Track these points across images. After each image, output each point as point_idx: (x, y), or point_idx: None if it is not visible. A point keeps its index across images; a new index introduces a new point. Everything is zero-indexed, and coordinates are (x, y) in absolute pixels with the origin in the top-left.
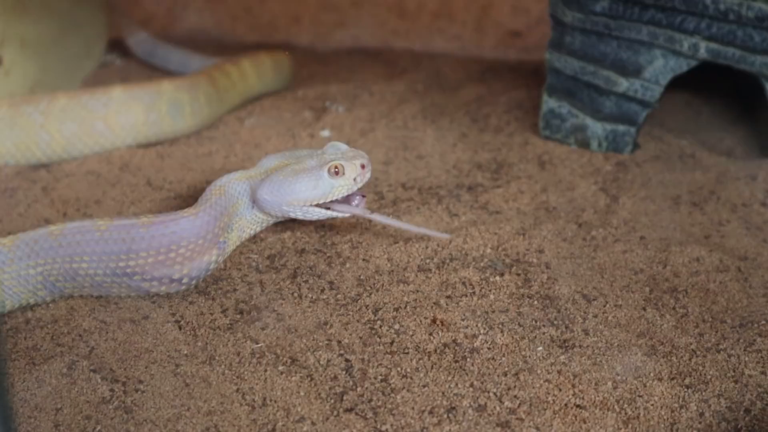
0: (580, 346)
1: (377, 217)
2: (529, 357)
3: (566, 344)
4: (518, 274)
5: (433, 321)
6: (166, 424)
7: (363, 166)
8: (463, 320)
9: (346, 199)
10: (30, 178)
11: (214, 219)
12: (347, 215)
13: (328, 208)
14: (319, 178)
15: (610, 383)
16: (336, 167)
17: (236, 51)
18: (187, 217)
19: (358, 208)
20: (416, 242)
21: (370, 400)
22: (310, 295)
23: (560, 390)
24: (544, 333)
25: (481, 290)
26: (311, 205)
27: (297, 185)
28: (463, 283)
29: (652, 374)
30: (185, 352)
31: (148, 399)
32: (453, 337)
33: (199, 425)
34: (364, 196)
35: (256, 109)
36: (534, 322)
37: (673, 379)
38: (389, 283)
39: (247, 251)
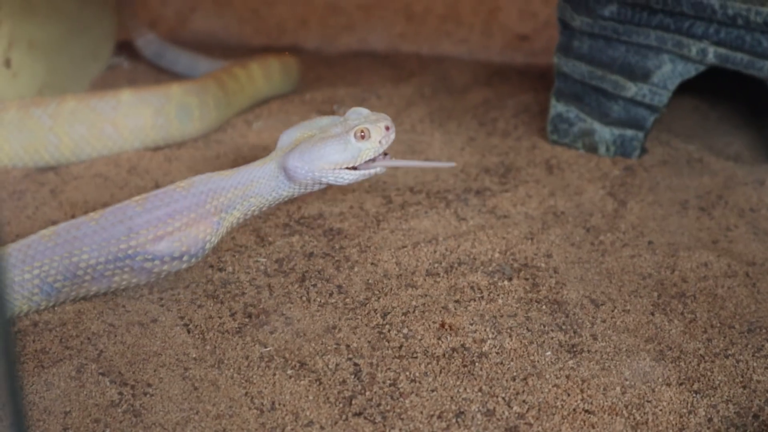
0: (589, 351)
1: (401, 163)
2: (538, 362)
3: (575, 349)
4: (526, 279)
5: (442, 325)
6: (174, 428)
7: (387, 128)
8: (471, 325)
9: (371, 159)
10: (38, 180)
11: (205, 195)
12: (378, 171)
13: (357, 168)
14: (348, 143)
15: (618, 388)
16: (362, 131)
17: (244, 54)
18: (179, 191)
19: (384, 161)
20: (424, 246)
21: (379, 405)
22: (318, 299)
23: (569, 395)
24: (552, 338)
25: (489, 295)
26: (342, 168)
27: (326, 149)
28: (472, 288)
29: (660, 379)
30: (194, 355)
31: (156, 402)
32: (461, 342)
33: (208, 429)
34: (386, 154)
35: (264, 113)
36: (542, 327)
37: (681, 384)
38: (397, 287)
39: (255, 255)
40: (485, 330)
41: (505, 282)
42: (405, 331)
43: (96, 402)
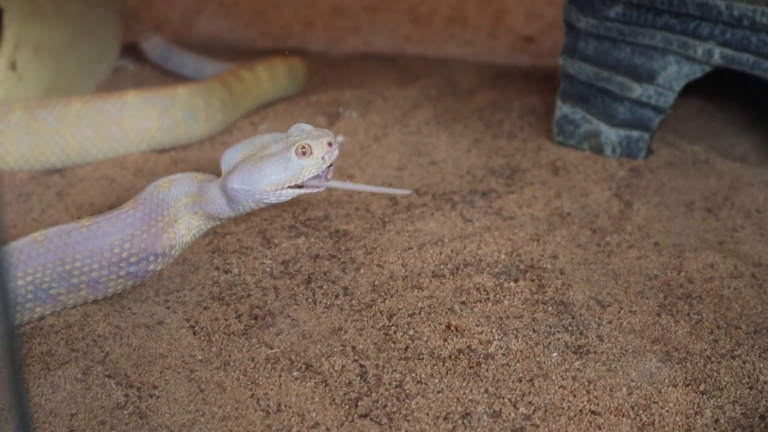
0: (595, 352)
1: (346, 185)
2: (544, 363)
3: (581, 350)
4: (532, 280)
5: (448, 327)
6: (180, 430)
7: (330, 144)
8: (477, 326)
9: (316, 175)
10: (44, 183)
11: (184, 192)
12: (319, 189)
13: (301, 186)
14: (288, 160)
15: (624, 389)
16: (303, 147)
17: (250, 56)
18: (163, 191)
19: (328, 181)
20: (430, 248)
21: (385, 406)
22: (324, 301)
23: (575, 396)
24: (558, 339)
25: (495, 296)
26: (283, 188)
27: (267, 170)
28: (478, 289)
29: (666, 380)
30: (200, 357)
31: (162, 404)
32: (467, 343)
33: (214, 431)
34: (330, 166)
35: (269, 115)
36: (548, 328)
37: (687, 385)
38: (403, 288)
39: (261, 256)
40: (491, 331)
41: (511, 283)
42: (411, 332)
43: (102, 404)
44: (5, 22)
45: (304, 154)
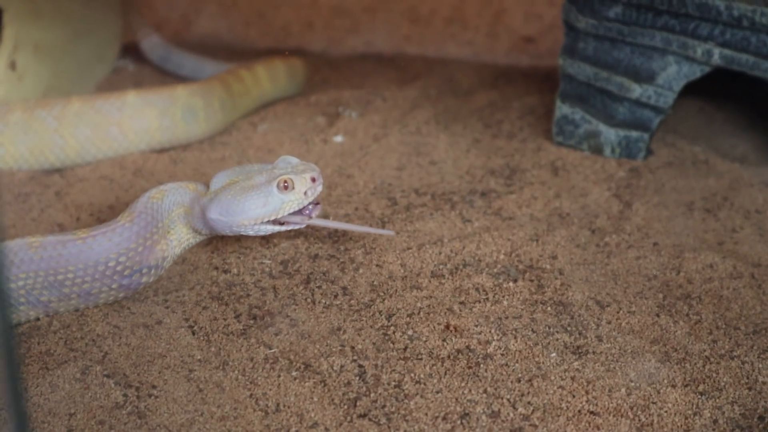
0: (594, 353)
1: (329, 224)
2: (543, 363)
3: (580, 350)
4: (531, 281)
5: (447, 327)
6: (179, 430)
7: (314, 180)
8: (476, 326)
9: (300, 211)
10: (43, 182)
11: (176, 203)
12: (301, 226)
13: (282, 223)
14: (269, 194)
15: (623, 390)
16: (285, 182)
17: (249, 56)
18: (157, 202)
19: (311, 219)
20: (429, 248)
21: (384, 406)
22: (323, 301)
23: (574, 396)
24: (557, 339)
25: (494, 296)
26: (262, 223)
27: (246, 203)
28: (477, 289)
29: (665, 381)
30: (198, 357)
31: (161, 404)
32: (466, 343)
33: (213, 430)
34: (318, 204)
35: (269, 115)
36: (547, 329)
37: (686, 385)
38: (402, 288)
39: (260, 256)
40: (490, 331)
41: (510, 283)
42: (410, 332)
43: (101, 404)
44: (5, 22)
45: (286, 188)
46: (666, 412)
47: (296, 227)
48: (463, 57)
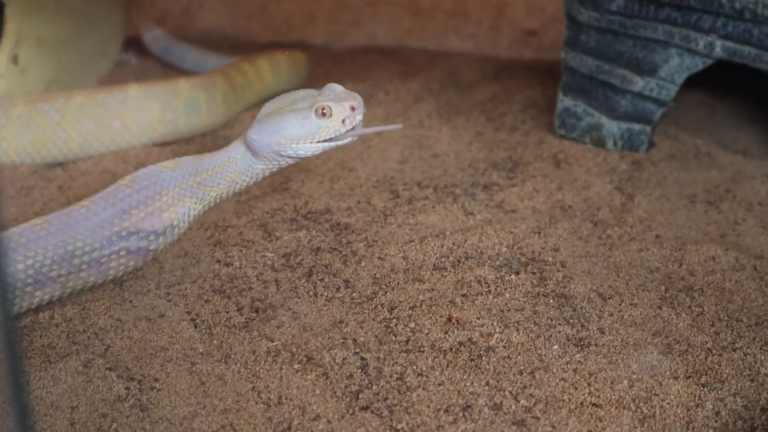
0: (596, 345)
1: (361, 131)
2: (545, 355)
3: (582, 343)
4: (534, 273)
5: (449, 319)
6: (181, 422)
7: (353, 108)
8: (478, 319)
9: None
10: (46, 176)
11: (188, 174)
12: (345, 141)
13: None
14: (306, 118)
15: (625, 382)
16: (323, 108)
17: (252, 50)
18: (165, 171)
19: (351, 132)
20: (432, 240)
21: (386, 399)
22: (325, 294)
23: (576, 388)
24: (559, 331)
25: (496, 289)
26: (300, 143)
27: (283, 123)
28: (479, 282)
29: (668, 373)
30: (201, 350)
31: (163, 397)
32: (468, 336)
33: (215, 423)
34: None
35: None
36: (549, 321)
37: (689, 377)
38: (405, 281)
39: (262, 249)
40: (492, 324)
41: (513, 276)
42: (412, 325)
43: (103, 397)
44: (7, 15)
45: (324, 115)
46: (668, 404)
47: (341, 143)
48: (465, 50)
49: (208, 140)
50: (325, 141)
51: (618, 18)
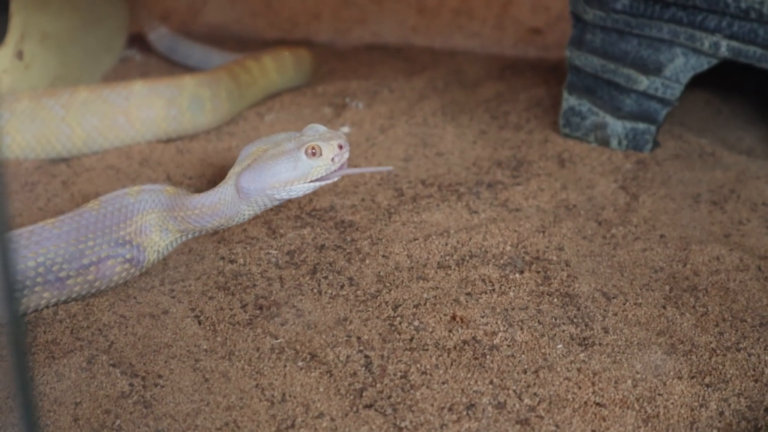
0: (600, 344)
1: (351, 171)
2: (549, 354)
3: (586, 342)
4: (538, 272)
5: (453, 318)
6: (185, 419)
7: (341, 147)
8: (482, 317)
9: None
10: (50, 172)
11: (175, 207)
12: (334, 180)
13: (314, 180)
14: (298, 160)
15: (629, 381)
16: (313, 148)
17: (256, 47)
18: (165, 194)
19: (340, 171)
20: (436, 239)
21: (390, 397)
22: (329, 291)
23: (580, 388)
24: (563, 331)
25: (500, 287)
26: (293, 185)
27: (276, 168)
28: (483, 281)
29: (672, 373)
30: (205, 347)
31: (167, 393)
32: (472, 334)
33: (218, 420)
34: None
35: (276, 105)
36: (554, 320)
37: (693, 377)
38: (409, 279)
39: (266, 247)
40: (496, 323)
41: (517, 275)
42: (416, 323)
43: (107, 393)
44: (12, 11)
45: (314, 154)
46: (672, 403)
47: (330, 181)
48: (470, 48)
49: (212, 137)
50: (315, 181)
51: (623, 17)
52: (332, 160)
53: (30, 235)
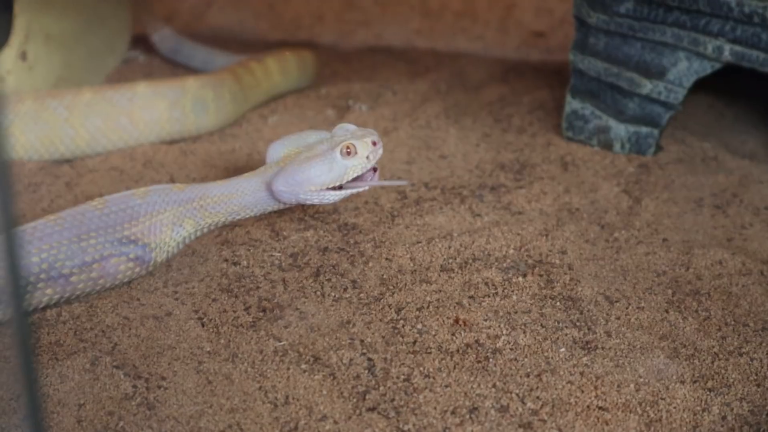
0: (603, 348)
1: (387, 183)
2: (552, 358)
3: (589, 346)
4: (541, 275)
5: (456, 321)
6: (188, 421)
7: (374, 143)
8: (485, 321)
9: (359, 176)
10: (53, 173)
11: (195, 197)
12: (363, 189)
13: (341, 187)
14: (333, 161)
15: (632, 385)
16: (348, 147)
17: (260, 49)
18: (175, 191)
19: (371, 181)
20: (439, 242)
21: (393, 400)
22: (332, 294)
23: (583, 392)
24: (566, 334)
25: (503, 291)
26: (327, 189)
27: (312, 171)
28: (486, 284)
29: (674, 377)
30: (208, 349)
31: (170, 396)
32: (475, 338)
33: (222, 422)
34: (376, 170)
35: (279, 107)
36: (556, 324)
37: (695, 382)
38: (412, 282)
39: (269, 249)
40: (499, 326)
41: (520, 278)
42: (419, 326)
43: (110, 395)
44: (16, 11)
45: (348, 154)
46: (675, 408)
47: (358, 190)
48: (473, 51)
49: (215, 138)
50: (346, 188)
51: (627, 21)
52: (367, 158)
53: (33, 231)
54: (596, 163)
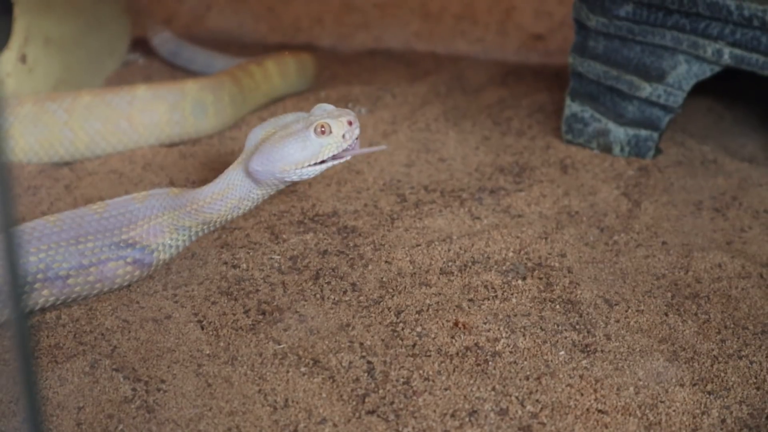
0: (602, 351)
1: (364, 150)
2: (551, 361)
3: (588, 349)
4: (540, 278)
5: (455, 324)
6: (188, 424)
7: (350, 123)
8: (485, 324)
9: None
10: (53, 176)
11: (187, 201)
12: (343, 160)
13: (323, 161)
14: (307, 139)
15: (632, 388)
16: (322, 126)
17: (259, 51)
18: (171, 195)
19: (351, 151)
20: (438, 245)
21: (392, 403)
22: (332, 297)
23: (582, 395)
24: (566, 337)
25: (503, 294)
26: (304, 167)
27: (285, 149)
28: (486, 287)
29: (674, 380)
30: (207, 352)
31: (170, 399)
32: (475, 341)
33: (221, 425)
34: (356, 139)
35: (278, 110)
36: (556, 327)
37: (695, 385)
38: (411, 285)
39: (269, 252)
40: (499, 329)
41: (519, 281)
42: (419, 329)
43: (109, 398)
44: (16, 14)
45: (323, 132)
46: (674, 411)
47: (339, 162)
48: (472, 54)
49: (215, 141)
50: (324, 162)
51: (626, 24)
52: (343, 137)
53: (32, 231)
54: (596, 166)
